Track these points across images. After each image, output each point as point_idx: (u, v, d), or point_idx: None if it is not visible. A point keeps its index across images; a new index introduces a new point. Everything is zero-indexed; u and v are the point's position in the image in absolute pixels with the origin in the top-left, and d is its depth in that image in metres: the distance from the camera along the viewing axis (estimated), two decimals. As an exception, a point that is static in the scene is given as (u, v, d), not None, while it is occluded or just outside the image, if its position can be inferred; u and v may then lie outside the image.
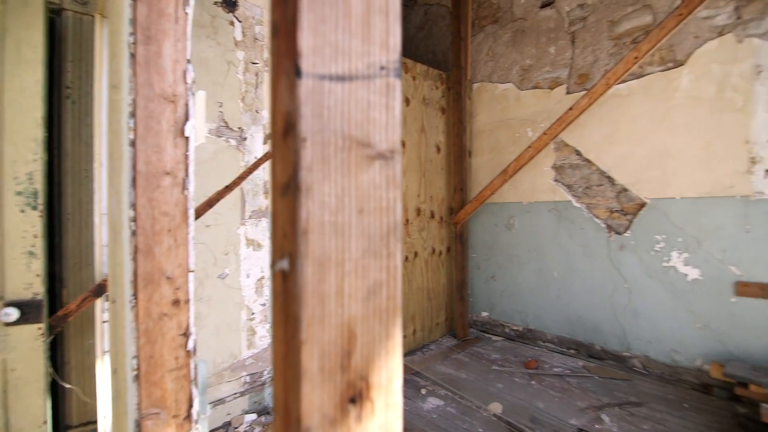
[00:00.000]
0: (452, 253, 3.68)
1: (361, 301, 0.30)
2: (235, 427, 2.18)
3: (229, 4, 2.25)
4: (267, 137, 2.43)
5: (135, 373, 0.58)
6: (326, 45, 0.28)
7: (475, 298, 3.77)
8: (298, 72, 0.27)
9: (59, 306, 1.71)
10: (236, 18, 2.28)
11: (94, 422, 1.78)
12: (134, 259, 0.58)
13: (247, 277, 2.33)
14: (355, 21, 0.29)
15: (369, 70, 0.30)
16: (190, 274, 0.63)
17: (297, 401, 0.27)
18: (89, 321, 1.75)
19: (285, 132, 0.28)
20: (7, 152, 1.21)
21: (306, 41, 0.27)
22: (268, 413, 2.34)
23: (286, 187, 0.28)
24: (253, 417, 2.27)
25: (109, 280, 0.72)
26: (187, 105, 0.63)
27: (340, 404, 0.29)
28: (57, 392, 1.73)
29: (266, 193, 2.44)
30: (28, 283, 1.24)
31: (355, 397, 0.30)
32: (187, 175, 0.62)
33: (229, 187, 1.87)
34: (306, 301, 0.27)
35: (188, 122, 0.63)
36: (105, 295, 1.45)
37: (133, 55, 0.58)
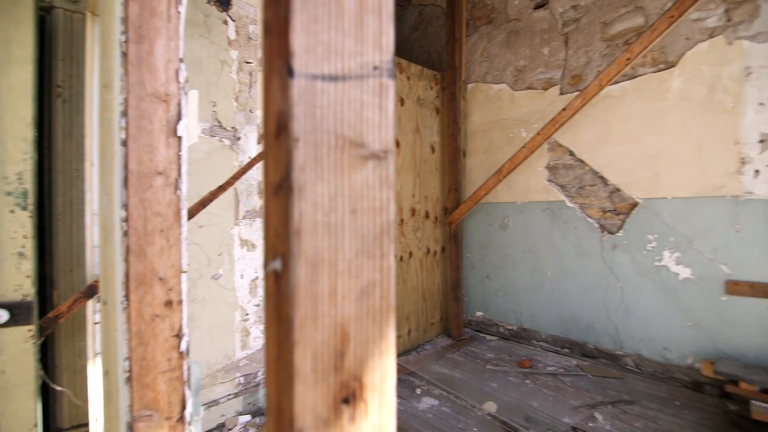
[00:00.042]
0: (447, 253, 3.69)
1: (355, 302, 0.30)
2: (229, 429, 2.17)
3: (223, 2, 2.23)
4: (261, 137, 2.41)
5: (127, 375, 0.57)
6: (319, 44, 0.28)
7: (470, 298, 3.78)
8: (290, 71, 0.27)
9: (50, 308, 1.69)
10: (230, 17, 2.27)
11: (86, 425, 1.76)
12: (126, 260, 0.58)
13: (241, 278, 2.32)
14: (348, 21, 0.29)
15: (362, 70, 0.30)
16: (183, 275, 0.62)
17: (290, 402, 0.27)
18: (80, 323, 1.73)
19: (277, 132, 0.28)
20: (-4, 152, 1.20)
21: (298, 41, 0.27)
22: (263, 414, 2.32)
23: (279, 187, 0.28)
24: (247, 418, 2.26)
25: (101, 281, 0.71)
26: (179, 104, 0.62)
27: (334, 405, 0.29)
28: (48, 395, 1.71)
29: (260, 193, 2.42)
30: (18, 285, 1.22)
31: (349, 397, 0.30)
32: (179, 175, 0.62)
33: (222, 187, 1.86)
34: (299, 302, 0.27)
35: (181, 122, 0.62)
36: (96, 297, 1.43)
37: (124, 54, 0.57)
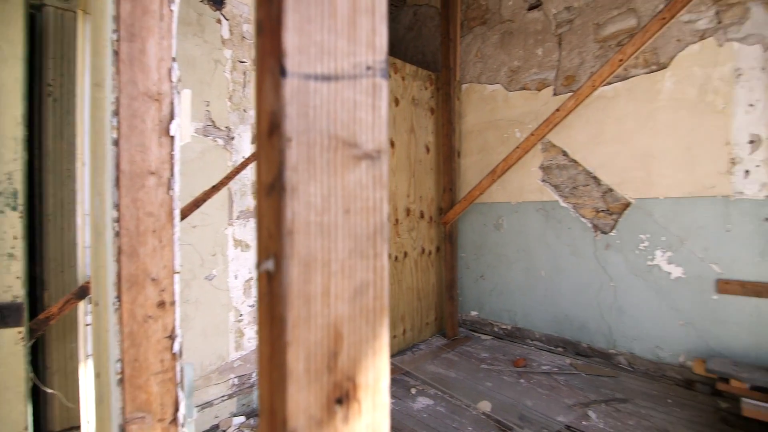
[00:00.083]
0: (442, 252, 3.70)
1: (348, 302, 0.30)
2: (224, 430, 2.16)
3: (216, 1, 2.22)
4: (255, 137, 2.40)
5: (119, 376, 0.57)
6: (312, 44, 0.28)
7: (465, 298, 3.80)
8: (283, 71, 0.27)
9: (40, 309, 1.66)
10: (223, 16, 2.25)
11: (78, 428, 1.74)
12: (118, 261, 0.57)
13: (235, 278, 2.30)
14: (341, 21, 0.29)
15: (355, 70, 0.30)
16: (175, 276, 0.62)
17: (283, 403, 0.27)
18: (72, 324, 1.71)
19: (270, 132, 0.28)
20: (-15, 151, 1.18)
21: (291, 40, 0.27)
22: (257, 416, 2.31)
23: (272, 188, 0.28)
24: (241, 420, 2.25)
25: (92, 282, 0.70)
26: (172, 103, 0.62)
27: (327, 405, 0.29)
28: (39, 397, 1.69)
29: (254, 193, 2.41)
30: (8, 286, 1.20)
31: (342, 397, 0.30)
32: (172, 174, 0.62)
33: (216, 187, 1.85)
34: (291, 302, 0.27)
35: (173, 121, 0.62)
36: (88, 298, 1.42)
37: (116, 53, 0.57)
